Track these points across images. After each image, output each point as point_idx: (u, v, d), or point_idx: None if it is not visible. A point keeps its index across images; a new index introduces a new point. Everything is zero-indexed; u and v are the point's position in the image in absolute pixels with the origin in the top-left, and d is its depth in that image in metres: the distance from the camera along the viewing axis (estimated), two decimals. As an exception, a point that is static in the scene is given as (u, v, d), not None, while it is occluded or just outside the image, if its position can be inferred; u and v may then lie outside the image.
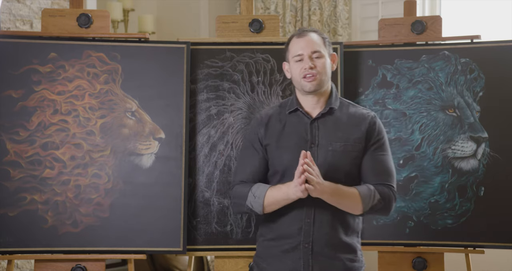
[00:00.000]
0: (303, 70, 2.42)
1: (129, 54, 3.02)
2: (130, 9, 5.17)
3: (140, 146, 2.99)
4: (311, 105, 2.49)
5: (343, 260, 2.42)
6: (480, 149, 3.04)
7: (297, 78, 2.46)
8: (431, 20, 3.15)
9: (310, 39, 2.45)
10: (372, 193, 2.38)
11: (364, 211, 2.40)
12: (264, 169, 2.52)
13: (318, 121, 2.47)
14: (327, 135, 2.44)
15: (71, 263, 2.98)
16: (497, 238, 3.02)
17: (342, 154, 2.43)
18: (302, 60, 2.44)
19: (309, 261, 2.40)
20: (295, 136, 2.46)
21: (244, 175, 2.53)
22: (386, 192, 2.42)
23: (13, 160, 2.93)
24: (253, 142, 2.54)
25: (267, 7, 4.80)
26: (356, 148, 2.44)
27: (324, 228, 2.41)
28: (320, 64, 2.43)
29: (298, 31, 2.50)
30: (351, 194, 2.37)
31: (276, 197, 2.40)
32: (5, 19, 4.12)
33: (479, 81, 3.07)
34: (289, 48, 2.50)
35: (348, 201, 2.38)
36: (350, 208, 2.40)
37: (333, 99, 2.50)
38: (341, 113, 2.49)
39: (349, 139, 2.44)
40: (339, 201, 2.37)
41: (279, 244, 2.45)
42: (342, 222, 2.43)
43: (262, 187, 2.44)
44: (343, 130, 2.46)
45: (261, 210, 2.43)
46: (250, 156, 2.54)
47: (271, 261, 2.47)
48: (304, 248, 2.41)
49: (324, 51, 2.46)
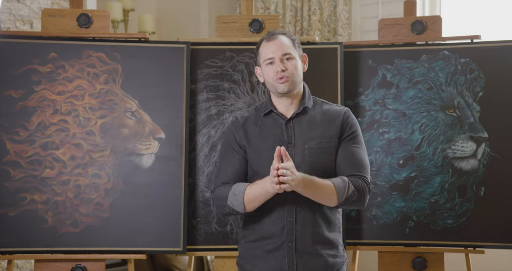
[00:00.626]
0: (275, 73, 2.45)
1: (129, 54, 3.02)
2: (130, 9, 5.17)
3: (140, 146, 2.99)
4: (285, 107, 2.51)
5: (325, 256, 2.44)
6: (480, 149, 3.04)
7: (270, 81, 2.48)
8: (431, 20, 3.15)
9: (280, 42, 2.47)
10: (346, 184, 2.39)
11: (339, 203, 2.39)
12: (245, 168, 2.53)
13: (293, 121, 2.49)
14: (303, 134, 2.47)
15: (71, 263, 2.98)
16: (497, 238, 3.02)
17: (318, 150, 2.45)
18: (273, 63, 2.46)
19: (293, 260, 2.42)
20: (271, 137, 2.48)
21: (225, 176, 2.53)
22: (360, 184, 2.42)
23: (13, 160, 2.93)
24: (231, 143, 2.55)
25: (267, 7, 4.80)
26: (331, 144, 2.46)
27: (306, 226, 2.42)
28: (291, 66, 2.45)
29: (267, 35, 2.52)
30: (325, 186, 2.37)
31: (255, 193, 2.40)
32: (5, 19, 4.12)
33: (479, 81, 3.07)
34: (260, 52, 2.52)
35: (322, 193, 2.37)
36: (325, 199, 2.40)
37: (306, 99, 2.52)
38: (315, 112, 2.52)
39: (324, 136, 2.47)
40: (314, 192, 2.37)
41: (262, 244, 2.46)
42: (323, 218, 2.45)
43: (241, 185, 2.45)
44: (318, 128, 2.48)
45: (242, 208, 2.43)
46: (230, 157, 2.55)
47: (255, 262, 2.48)
48: (288, 246, 2.42)
49: (295, 53, 2.48)
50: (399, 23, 3.18)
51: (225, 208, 2.49)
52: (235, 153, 2.54)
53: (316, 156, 2.45)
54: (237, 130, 2.55)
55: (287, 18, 4.68)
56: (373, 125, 3.13)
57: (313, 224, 2.43)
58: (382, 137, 3.13)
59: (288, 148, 2.44)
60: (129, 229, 2.96)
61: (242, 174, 2.53)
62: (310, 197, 2.39)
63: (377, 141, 3.12)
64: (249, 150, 2.51)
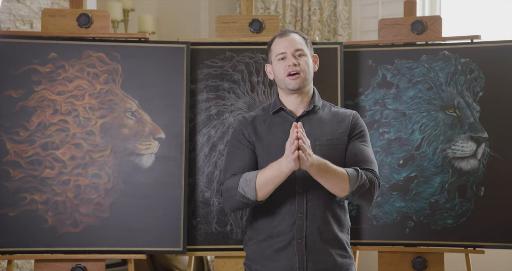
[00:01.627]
0: (287, 67, 2.43)
1: (129, 54, 3.02)
2: (130, 9, 5.17)
3: (140, 146, 2.99)
4: (294, 105, 2.50)
5: (334, 255, 2.43)
6: (480, 149, 3.05)
7: (281, 77, 2.46)
8: (431, 20, 3.15)
9: (292, 39, 2.47)
10: (358, 173, 2.36)
11: (350, 191, 2.34)
12: (255, 162, 2.48)
13: (302, 119, 2.48)
14: (313, 131, 2.46)
15: (71, 263, 2.98)
16: (497, 238, 3.02)
17: (329, 147, 2.44)
18: (285, 58, 2.45)
19: (303, 257, 2.40)
20: (280, 134, 2.46)
21: (235, 169, 2.47)
22: (371, 176, 2.40)
23: (13, 160, 2.93)
24: (240, 139, 2.51)
25: (267, 7, 4.80)
26: (341, 141, 2.46)
27: (316, 222, 2.40)
28: (303, 62, 2.45)
29: (279, 32, 2.52)
30: (338, 171, 2.33)
31: (268, 175, 2.34)
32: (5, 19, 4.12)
33: (479, 81, 3.07)
34: (272, 49, 2.51)
35: (335, 177, 2.33)
36: (337, 185, 2.34)
37: (316, 99, 2.52)
38: (324, 113, 2.52)
39: (335, 133, 2.46)
40: (326, 175, 2.32)
41: (270, 243, 2.44)
42: (334, 216, 2.43)
43: (253, 172, 2.41)
44: (328, 126, 2.48)
45: (253, 194, 2.36)
46: (239, 151, 2.50)
47: (264, 263, 2.45)
48: (298, 243, 2.40)
49: (307, 51, 2.48)
50: (399, 23, 3.18)
51: (235, 196, 2.40)
52: (244, 147, 2.49)
53: (326, 152, 2.41)
54: (245, 127, 2.52)
55: (287, 18, 4.68)
56: (373, 125, 3.13)
57: (324, 221, 2.41)
58: (382, 137, 3.13)
59: None
60: (129, 229, 2.96)
61: (252, 168, 2.47)
62: (322, 182, 2.34)
63: (377, 141, 3.12)
64: (258, 146, 2.48)
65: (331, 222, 2.43)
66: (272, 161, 2.39)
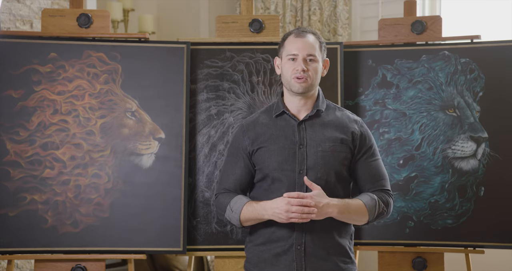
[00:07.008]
0: (295, 71, 2.42)
1: (129, 54, 3.02)
2: (130, 9, 5.17)
3: (140, 145, 2.99)
4: (297, 108, 2.49)
5: (336, 261, 2.42)
6: (480, 149, 3.04)
7: (287, 77, 2.45)
8: (431, 20, 3.15)
9: (307, 41, 2.43)
10: (376, 203, 2.42)
11: (369, 220, 2.43)
12: (247, 177, 2.52)
13: (305, 123, 2.47)
14: (315, 136, 2.44)
15: (71, 263, 2.98)
16: (497, 238, 3.02)
17: (331, 153, 2.43)
18: (296, 60, 2.43)
19: (302, 264, 2.39)
20: (283, 138, 2.45)
21: (227, 183, 2.53)
22: (387, 199, 2.47)
23: (13, 160, 2.93)
24: (237, 149, 2.53)
25: (267, 7, 4.80)
26: (344, 148, 2.45)
27: (316, 229, 2.40)
28: (312, 68, 2.43)
29: (297, 30, 2.48)
30: (358, 208, 2.40)
31: (252, 215, 2.42)
32: (5, 19, 4.12)
33: (479, 81, 3.07)
34: (285, 45, 2.47)
35: (356, 215, 2.41)
36: (357, 221, 2.44)
37: (320, 102, 2.50)
38: (327, 116, 2.50)
39: (337, 139, 2.45)
40: (349, 216, 2.40)
41: (269, 248, 2.44)
42: (334, 222, 2.42)
43: (240, 202, 2.45)
44: (331, 131, 2.46)
45: (239, 224, 2.46)
46: (234, 163, 2.53)
47: (263, 266, 2.45)
48: (297, 250, 2.40)
49: (319, 56, 2.45)
50: (399, 23, 3.18)
51: (223, 218, 2.53)
52: (240, 160, 2.51)
53: (328, 158, 2.42)
54: (244, 134, 2.51)
55: (287, 18, 4.68)
56: (373, 125, 3.13)
57: (323, 227, 2.40)
58: (382, 137, 3.13)
59: (300, 149, 2.42)
60: (129, 229, 2.96)
61: (244, 183, 2.53)
62: (343, 220, 2.41)
63: (377, 141, 3.12)
64: (259, 152, 2.47)
65: (331, 229, 2.42)
66: (272, 165, 2.42)
